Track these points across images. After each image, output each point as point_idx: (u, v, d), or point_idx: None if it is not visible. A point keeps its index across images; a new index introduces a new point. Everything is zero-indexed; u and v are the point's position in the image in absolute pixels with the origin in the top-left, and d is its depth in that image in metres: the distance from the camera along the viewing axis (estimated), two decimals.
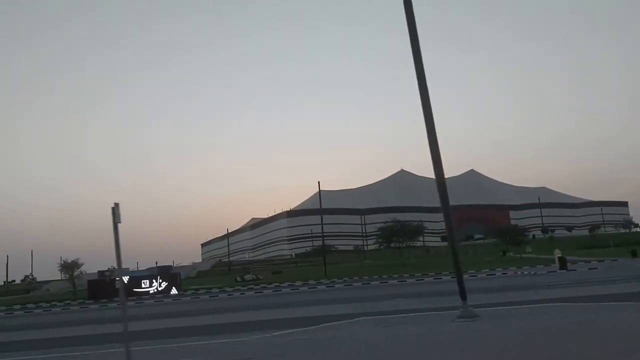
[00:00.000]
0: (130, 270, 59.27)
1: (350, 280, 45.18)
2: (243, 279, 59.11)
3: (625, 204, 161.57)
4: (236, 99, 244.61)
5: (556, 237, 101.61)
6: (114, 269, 65.75)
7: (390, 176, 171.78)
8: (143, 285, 46.77)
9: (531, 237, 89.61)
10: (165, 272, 54.46)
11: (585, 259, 53.66)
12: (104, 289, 46.51)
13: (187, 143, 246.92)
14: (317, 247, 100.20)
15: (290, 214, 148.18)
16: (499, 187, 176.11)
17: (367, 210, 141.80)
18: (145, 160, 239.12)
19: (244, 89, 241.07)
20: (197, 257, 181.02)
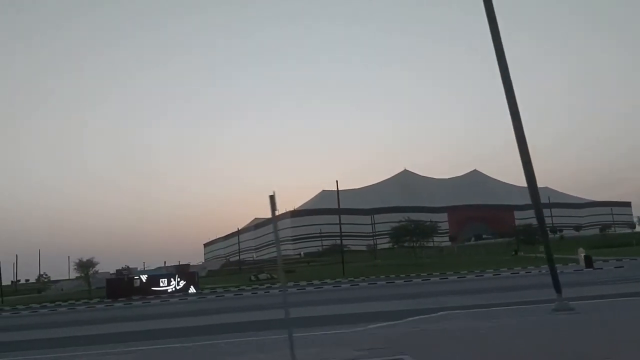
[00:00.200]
0: (139, 269, 58.96)
1: (370, 279, 44.52)
2: (257, 278, 58.69)
3: (628, 204, 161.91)
4: (236, 99, 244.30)
5: (565, 236, 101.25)
6: (128, 267, 65.58)
7: (393, 176, 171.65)
8: (161, 284, 46.33)
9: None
10: (184, 271, 54.03)
11: (603, 258, 53.37)
12: (122, 287, 46.07)
13: (187, 143, 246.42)
14: (327, 246, 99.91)
15: (294, 214, 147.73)
16: (502, 187, 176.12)
17: (376, 210, 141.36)
18: (145, 160, 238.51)
19: (244, 89, 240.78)
20: (200, 257, 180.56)
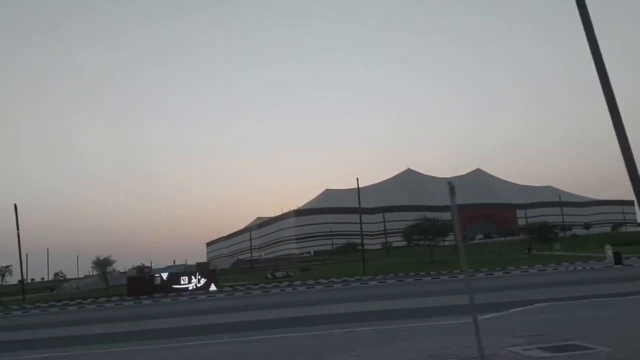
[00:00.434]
0: (162, 267, 58.40)
1: (397, 277, 43.80)
2: (274, 276, 58.22)
3: (631, 203, 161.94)
4: (236, 99, 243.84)
5: (577, 235, 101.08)
6: (143, 265, 64.99)
7: (397, 175, 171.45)
8: (182, 282, 45.80)
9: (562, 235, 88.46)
10: (204, 269, 53.43)
11: (624, 255, 52.99)
12: (143, 285, 45.53)
13: (187, 143, 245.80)
14: (340, 245, 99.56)
15: (298, 213, 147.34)
16: (505, 186, 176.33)
17: (386, 209, 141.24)
18: (145, 160, 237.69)
19: (244, 89, 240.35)
20: (202, 256, 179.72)
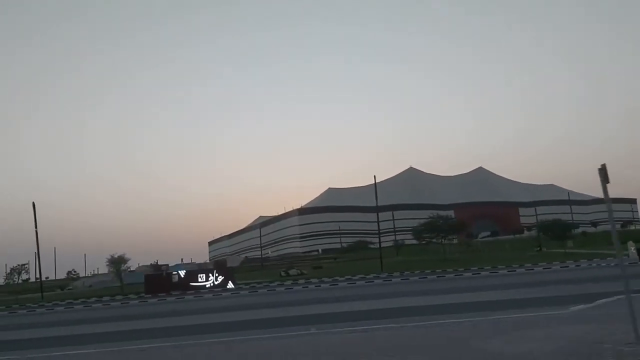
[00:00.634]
0: (170, 265, 58.03)
1: (413, 274, 43.68)
2: (288, 274, 57.80)
3: (634, 201, 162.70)
4: (236, 99, 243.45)
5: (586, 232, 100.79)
6: (156, 263, 64.60)
7: (399, 173, 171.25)
8: (199, 279, 45.45)
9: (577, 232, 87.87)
10: (221, 266, 53.06)
11: None
12: (160, 283, 45.15)
13: (186, 143, 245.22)
14: (350, 243, 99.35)
15: (301, 212, 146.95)
16: (507, 184, 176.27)
17: (393, 207, 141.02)
18: (144, 160, 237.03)
19: (244, 88, 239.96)
20: (204, 255, 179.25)
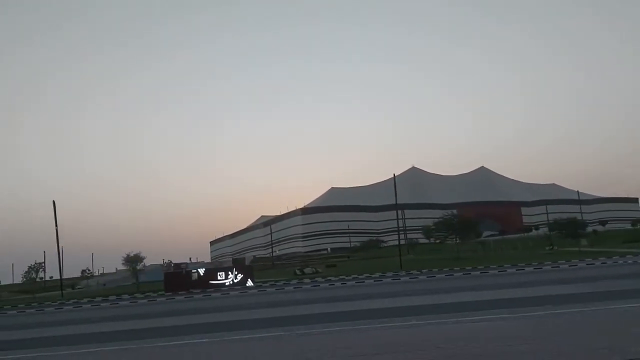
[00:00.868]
0: (188, 263, 57.49)
1: (433, 272, 43.20)
2: (303, 272, 57.42)
3: (635, 200, 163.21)
4: (236, 99, 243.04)
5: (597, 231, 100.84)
6: (170, 262, 64.07)
7: (402, 173, 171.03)
8: (218, 278, 45.02)
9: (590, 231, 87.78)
10: (240, 264, 52.58)
11: None
12: (180, 281, 44.73)
13: (187, 143, 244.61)
14: (362, 242, 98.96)
15: (305, 211, 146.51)
16: (509, 184, 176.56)
17: (400, 206, 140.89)
18: (145, 160, 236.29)
19: (244, 89, 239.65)
20: (206, 255, 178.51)
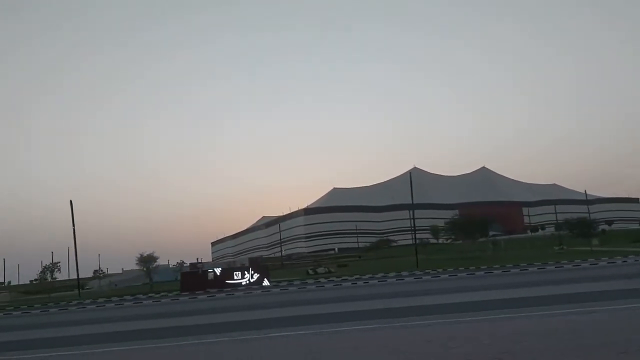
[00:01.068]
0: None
1: (452, 271, 42.81)
2: (315, 272, 57.09)
3: (636, 200, 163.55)
4: (236, 99, 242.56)
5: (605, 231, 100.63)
6: (182, 262, 63.49)
7: (403, 173, 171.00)
8: (235, 277, 44.59)
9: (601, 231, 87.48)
10: (257, 264, 52.13)
11: None
12: (196, 281, 44.28)
13: (187, 143, 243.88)
14: (371, 242, 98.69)
15: (307, 212, 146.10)
16: (510, 184, 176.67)
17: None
18: (145, 160, 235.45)
19: (244, 89, 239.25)
20: (207, 255, 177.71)
